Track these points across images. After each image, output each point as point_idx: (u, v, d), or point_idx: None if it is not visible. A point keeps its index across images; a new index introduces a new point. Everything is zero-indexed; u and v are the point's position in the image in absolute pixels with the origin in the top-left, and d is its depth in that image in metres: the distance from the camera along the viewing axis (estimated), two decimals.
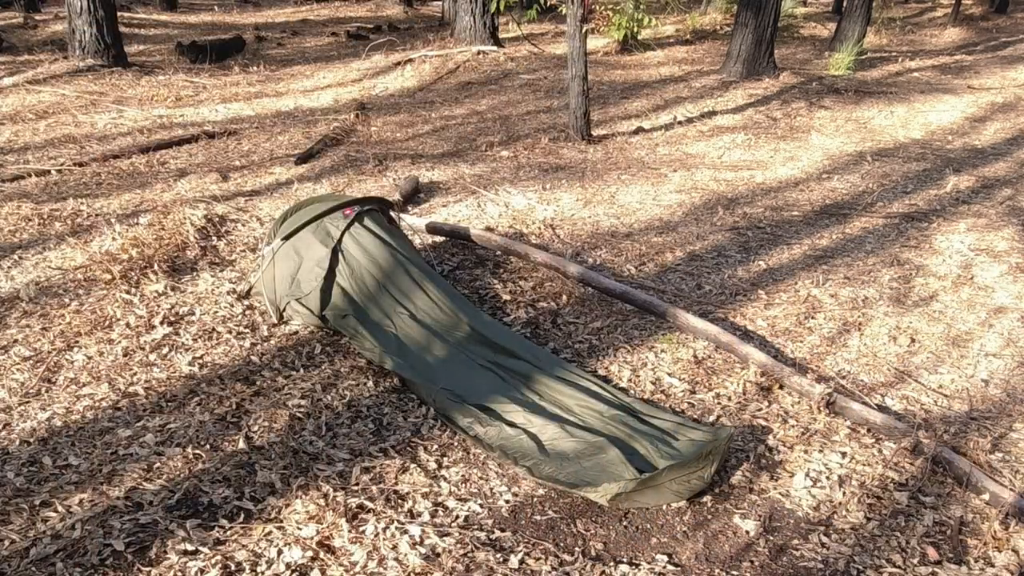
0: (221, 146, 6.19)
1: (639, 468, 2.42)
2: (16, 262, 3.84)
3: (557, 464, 2.48)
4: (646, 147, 6.52)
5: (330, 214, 3.44)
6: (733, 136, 6.80)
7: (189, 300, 3.51)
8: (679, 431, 2.64)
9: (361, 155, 5.98)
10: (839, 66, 9.42)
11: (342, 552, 2.16)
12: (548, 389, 2.91)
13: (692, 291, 3.89)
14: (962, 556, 2.22)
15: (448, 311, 3.29)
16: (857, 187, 5.51)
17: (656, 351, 3.31)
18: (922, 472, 2.54)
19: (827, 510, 2.40)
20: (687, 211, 4.99)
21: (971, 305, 3.76)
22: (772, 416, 2.87)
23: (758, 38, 8.64)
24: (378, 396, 2.94)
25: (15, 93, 7.54)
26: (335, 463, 2.54)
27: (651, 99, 8.13)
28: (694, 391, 3.04)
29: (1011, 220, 4.82)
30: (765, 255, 4.34)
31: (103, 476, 2.41)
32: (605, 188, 5.38)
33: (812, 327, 3.54)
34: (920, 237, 4.58)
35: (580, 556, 2.20)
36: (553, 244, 4.39)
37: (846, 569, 2.17)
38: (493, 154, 6.19)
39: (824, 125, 7.21)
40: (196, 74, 8.93)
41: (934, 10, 15.84)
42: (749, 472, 2.56)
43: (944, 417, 2.86)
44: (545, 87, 8.60)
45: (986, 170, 5.87)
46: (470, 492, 2.45)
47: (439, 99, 8.17)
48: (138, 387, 2.89)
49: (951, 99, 8.15)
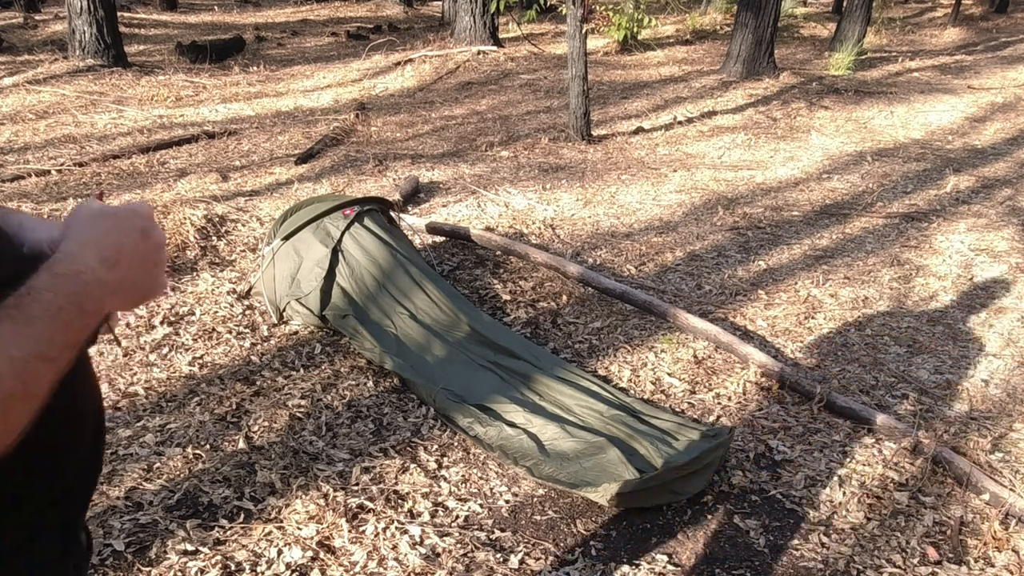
0: (221, 146, 6.19)
1: (639, 468, 2.42)
2: None
3: (557, 464, 2.48)
4: (646, 147, 6.52)
5: (330, 214, 3.44)
6: (733, 136, 6.80)
7: (189, 300, 3.51)
8: (679, 431, 2.64)
9: (361, 155, 5.98)
10: (839, 66, 9.42)
11: (342, 552, 2.16)
12: (548, 389, 2.91)
13: (692, 291, 3.89)
14: (962, 556, 2.22)
15: (448, 311, 3.29)
16: (857, 187, 5.51)
17: (656, 351, 3.31)
18: (922, 472, 2.54)
19: (827, 510, 2.40)
20: (687, 211, 4.99)
21: (971, 305, 3.76)
22: (772, 416, 2.87)
23: (758, 38, 8.65)
24: (378, 396, 2.94)
25: (15, 93, 7.54)
26: (335, 463, 2.54)
27: (651, 99, 8.13)
28: (694, 391, 3.04)
29: (1011, 220, 4.82)
30: (765, 255, 4.34)
31: (103, 476, 2.41)
32: (605, 188, 5.38)
33: (812, 327, 3.54)
34: (920, 237, 4.58)
35: (580, 556, 2.20)
36: (553, 244, 4.39)
37: (846, 569, 2.17)
38: (493, 154, 6.19)
39: (824, 125, 7.21)
40: (196, 74, 8.93)
41: (934, 10, 15.84)
42: (749, 472, 2.56)
43: (944, 417, 2.86)
44: (545, 87, 8.60)
45: (986, 170, 5.87)
46: (470, 492, 2.45)
47: (439, 99, 8.17)
48: (138, 387, 2.89)
49: (951, 99, 8.16)
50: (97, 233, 0.76)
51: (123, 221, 0.78)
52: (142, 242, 0.78)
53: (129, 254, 0.77)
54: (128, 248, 0.77)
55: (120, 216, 0.78)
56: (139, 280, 0.78)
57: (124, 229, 0.78)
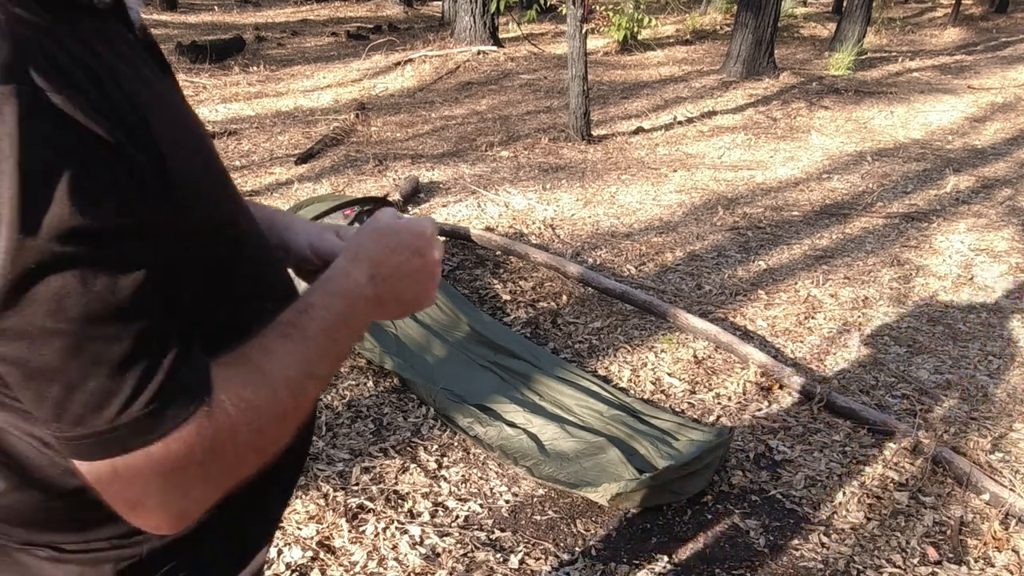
0: (221, 146, 6.19)
1: (639, 468, 2.42)
2: None
3: (557, 464, 2.48)
4: (646, 147, 6.52)
5: (330, 214, 3.44)
6: (733, 136, 6.80)
7: None
8: (679, 431, 2.64)
9: (361, 155, 5.98)
10: (839, 66, 9.42)
11: (342, 552, 2.16)
12: (548, 389, 2.91)
13: (692, 291, 3.89)
14: (962, 556, 2.22)
15: (448, 311, 3.29)
16: (857, 187, 5.51)
17: (656, 351, 3.31)
18: (922, 472, 2.54)
19: (827, 510, 2.40)
20: (687, 211, 4.99)
21: (971, 305, 3.76)
22: (772, 416, 2.87)
23: (758, 38, 8.65)
24: (378, 396, 2.94)
25: None
26: (335, 463, 2.54)
27: (651, 99, 8.13)
28: (694, 391, 3.04)
29: (1011, 220, 4.82)
30: (765, 255, 4.34)
31: None
32: (605, 188, 5.38)
33: (812, 327, 3.54)
34: (920, 237, 4.58)
35: (580, 556, 2.20)
36: (553, 244, 4.39)
37: (846, 569, 2.17)
38: (493, 154, 6.19)
39: (824, 125, 7.21)
40: (196, 74, 8.93)
41: (934, 10, 15.84)
42: (749, 472, 2.56)
43: (944, 417, 2.86)
44: (545, 87, 8.60)
45: (986, 170, 5.87)
46: (470, 492, 2.45)
47: (439, 99, 8.17)
48: None
49: (951, 99, 8.16)
50: (373, 250, 0.77)
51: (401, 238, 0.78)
52: (414, 260, 0.78)
53: (398, 272, 0.77)
54: (399, 266, 0.77)
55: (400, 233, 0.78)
56: (403, 296, 0.78)
57: (399, 247, 0.78)
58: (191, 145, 0.69)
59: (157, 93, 0.65)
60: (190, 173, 0.66)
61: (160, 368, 0.57)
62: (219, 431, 0.60)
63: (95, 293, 0.53)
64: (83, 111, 0.53)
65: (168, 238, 0.60)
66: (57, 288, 0.52)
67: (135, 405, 0.55)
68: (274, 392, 0.64)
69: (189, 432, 0.58)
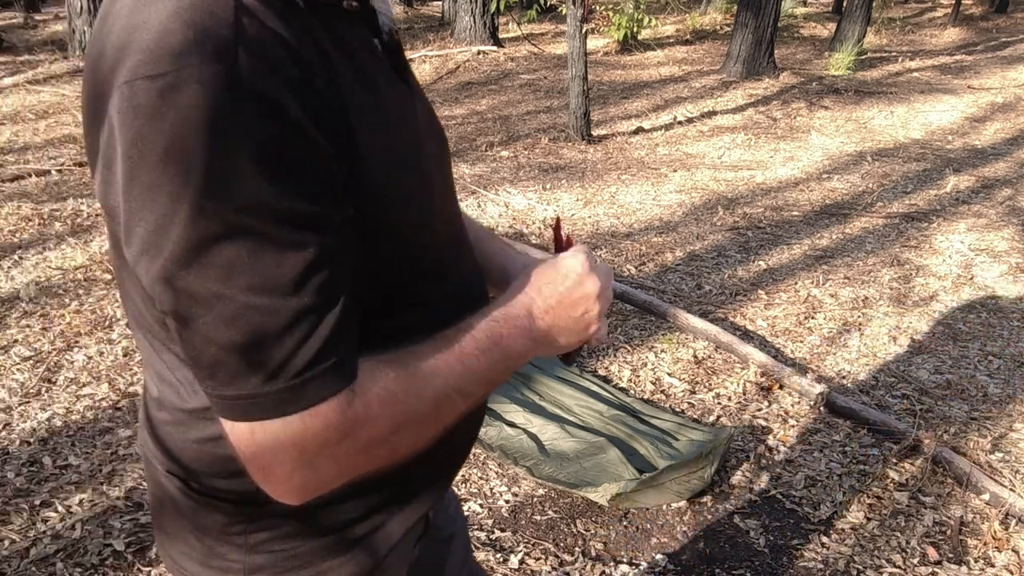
0: None
1: (639, 468, 2.42)
2: (16, 262, 3.84)
3: (557, 464, 2.48)
4: (646, 147, 6.52)
5: None
6: (733, 136, 6.81)
7: None
8: (679, 431, 2.64)
9: None
10: (839, 66, 9.43)
11: None
12: (548, 389, 2.91)
13: (692, 291, 3.89)
14: (962, 556, 2.22)
15: None
16: (857, 187, 5.51)
17: (656, 351, 3.31)
18: (922, 472, 2.54)
19: (827, 510, 2.40)
20: (687, 211, 4.99)
21: (971, 305, 3.76)
22: (772, 416, 2.87)
23: (758, 38, 8.65)
24: None
25: (15, 93, 7.55)
26: None
27: (651, 99, 8.14)
28: (694, 391, 3.04)
29: (1011, 220, 4.82)
30: (765, 255, 4.34)
31: (103, 476, 2.41)
32: (605, 188, 5.38)
33: (812, 327, 3.54)
34: (920, 237, 4.58)
35: (580, 556, 2.20)
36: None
37: (846, 569, 2.17)
38: (493, 154, 6.19)
39: (824, 125, 7.21)
40: None
41: (934, 10, 15.85)
42: (749, 472, 2.56)
43: (944, 417, 2.86)
44: (545, 87, 8.60)
45: (986, 170, 5.87)
46: (470, 492, 2.45)
47: (439, 99, 8.17)
48: (138, 387, 2.89)
49: (951, 99, 8.16)
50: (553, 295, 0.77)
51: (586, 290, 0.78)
52: (583, 319, 0.78)
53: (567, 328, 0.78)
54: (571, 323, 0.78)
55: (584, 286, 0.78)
56: (555, 343, 0.78)
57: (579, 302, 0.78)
58: (400, 154, 0.71)
59: (379, 99, 0.69)
60: (388, 180, 0.68)
61: (310, 346, 0.59)
62: (358, 418, 0.62)
63: (262, 266, 0.56)
64: (284, 99, 0.56)
65: (345, 233, 0.62)
66: (231, 255, 0.55)
67: (282, 377, 0.59)
68: (420, 398, 0.67)
69: (328, 411, 0.60)
